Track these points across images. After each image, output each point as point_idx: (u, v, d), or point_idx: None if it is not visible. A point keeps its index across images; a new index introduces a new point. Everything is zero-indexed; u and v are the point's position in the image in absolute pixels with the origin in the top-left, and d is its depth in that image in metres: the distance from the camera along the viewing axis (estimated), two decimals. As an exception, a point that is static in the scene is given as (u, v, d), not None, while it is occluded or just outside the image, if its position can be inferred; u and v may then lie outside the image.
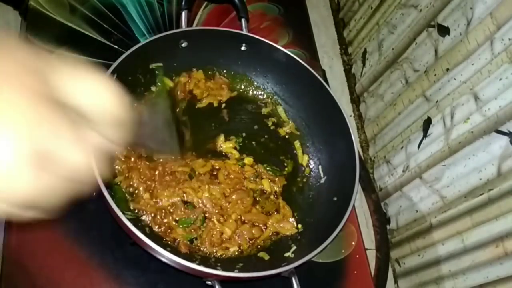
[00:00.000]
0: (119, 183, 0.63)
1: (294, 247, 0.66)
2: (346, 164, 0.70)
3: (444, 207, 1.21)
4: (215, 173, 0.70)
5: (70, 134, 0.26)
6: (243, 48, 0.76)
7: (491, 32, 1.06)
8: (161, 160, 0.66)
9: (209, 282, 0.58)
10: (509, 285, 1.01)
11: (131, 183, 0.64)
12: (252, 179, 0.72)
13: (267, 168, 0.73)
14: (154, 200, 0.64)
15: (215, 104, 0.77)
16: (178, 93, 0.75)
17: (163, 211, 0.64)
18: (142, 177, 0.65)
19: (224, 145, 0.74)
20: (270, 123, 0.79)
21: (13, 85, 0.25)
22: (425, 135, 1.29)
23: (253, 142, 0.76)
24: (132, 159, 0.66)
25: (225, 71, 0.79)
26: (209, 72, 0.78)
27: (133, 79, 0.71)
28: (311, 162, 0.77)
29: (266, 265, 0.63)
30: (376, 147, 1.57)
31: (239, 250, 0.65)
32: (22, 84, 0.25)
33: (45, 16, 0.77)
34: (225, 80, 0.78)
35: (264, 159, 0.74)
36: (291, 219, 0.70)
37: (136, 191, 0.64)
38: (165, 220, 0.64)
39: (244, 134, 0.76)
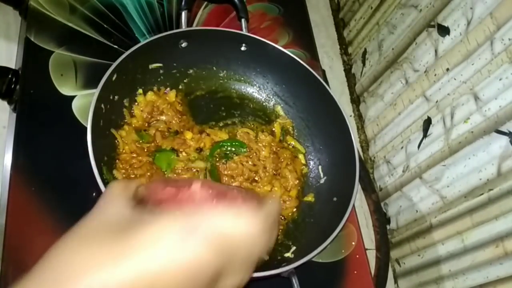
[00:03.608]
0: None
1: (294, 247, 0.66)
2: (346, 164, 0.70)
3: (444, 207, 1.21)
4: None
5: None
6: (243, 48, 0.76)
7: (491, 32, 1.06)
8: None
9: (209, 282, 0.57)
10: (509, 285, 1.01)
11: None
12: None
13: None
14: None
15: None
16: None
17: None
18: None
19: (240, 130, 0.76)
20: (270, 123, 0.79)
21: None
22: (425, 135, 1.29)
23: (253, 142, 0.76)
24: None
25: (225, 71, 0.79)
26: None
27: (133, 79, 0.71)
28: (311, 162, 0.77)
29: (266, 265, 0.63)
30: (376, 147, 1.57)
31: None
32: None
33: (45, 16, 0.77)
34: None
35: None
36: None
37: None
38: None
39: (244, 134, 0.76)
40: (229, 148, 0.72)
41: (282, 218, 0.70)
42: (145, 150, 0.68)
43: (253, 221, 0.32)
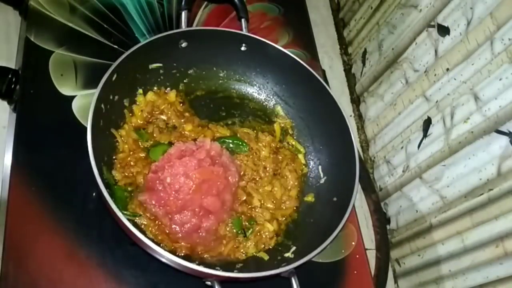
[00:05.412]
0: (117, 182, 0.63)
1: (294, 247, 0.66)
2: (346, 164, 0.70)
3: (444, 207, 1.21)
4: None
5: None
6: (243, 48, 0.76)
7: (491, 32, 1.06)
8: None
9: (208, 283, 0.58)
10: (509, 285, 1.01)
11: (130, 182, 0.65)
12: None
13: None
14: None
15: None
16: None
17: None
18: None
19: (240, 130, 0.76)
20: (270, 123, 0.79)
21: None
22: (425, 135, 1.29)
23: (253, 142, 0.76)
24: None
25: (225, 71, 0.79)
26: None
27: (133, 79, 0.71)
28: (311, 162, 0.77)
29: (266, 265, 0.63)
30: (376, 147, 1.57)
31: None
32: None
33: (45, 16, 0.77)
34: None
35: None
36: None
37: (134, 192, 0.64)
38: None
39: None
40: (230, 145, 0.72)
41: (283, 218, 0.71)
42: (141, 146, 0.68)
43: None
